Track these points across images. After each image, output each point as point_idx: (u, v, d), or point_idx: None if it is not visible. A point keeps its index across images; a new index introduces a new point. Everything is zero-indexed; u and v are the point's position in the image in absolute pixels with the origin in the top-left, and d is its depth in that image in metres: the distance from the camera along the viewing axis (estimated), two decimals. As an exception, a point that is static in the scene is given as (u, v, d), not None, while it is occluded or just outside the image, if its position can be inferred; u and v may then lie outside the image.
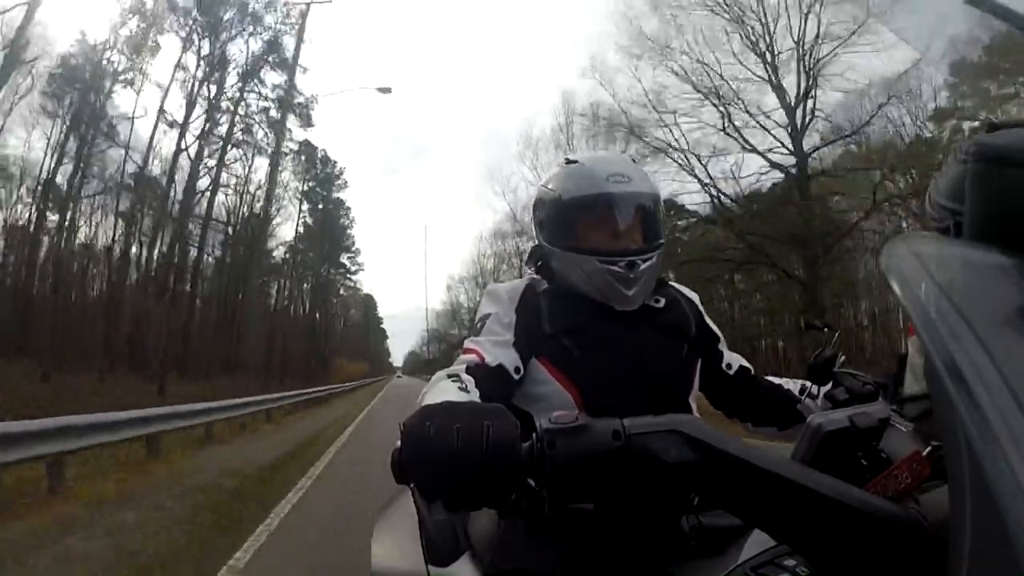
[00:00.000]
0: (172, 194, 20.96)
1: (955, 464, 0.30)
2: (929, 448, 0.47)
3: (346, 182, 35.11)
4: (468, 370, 0.87)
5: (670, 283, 1.12)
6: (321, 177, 32.57)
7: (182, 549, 3.42)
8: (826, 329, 1.09)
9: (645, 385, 0.94)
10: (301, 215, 30.81)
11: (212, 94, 21.32)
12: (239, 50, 22.18)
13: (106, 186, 19.34)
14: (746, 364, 1.12)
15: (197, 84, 20.87)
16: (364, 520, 1.56)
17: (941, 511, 0.40)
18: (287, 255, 29.48)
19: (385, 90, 19.83)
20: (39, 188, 17.35)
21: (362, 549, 1.19)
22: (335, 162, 33.33)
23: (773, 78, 16.20)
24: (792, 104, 15.88)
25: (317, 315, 37.38)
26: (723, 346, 1.12)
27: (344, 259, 39.56)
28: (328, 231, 34.38)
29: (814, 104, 15.77)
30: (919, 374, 0.59)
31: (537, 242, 1.10)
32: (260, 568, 3.22)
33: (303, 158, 28.73)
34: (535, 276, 1.09)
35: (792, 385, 1.09)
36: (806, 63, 15.59)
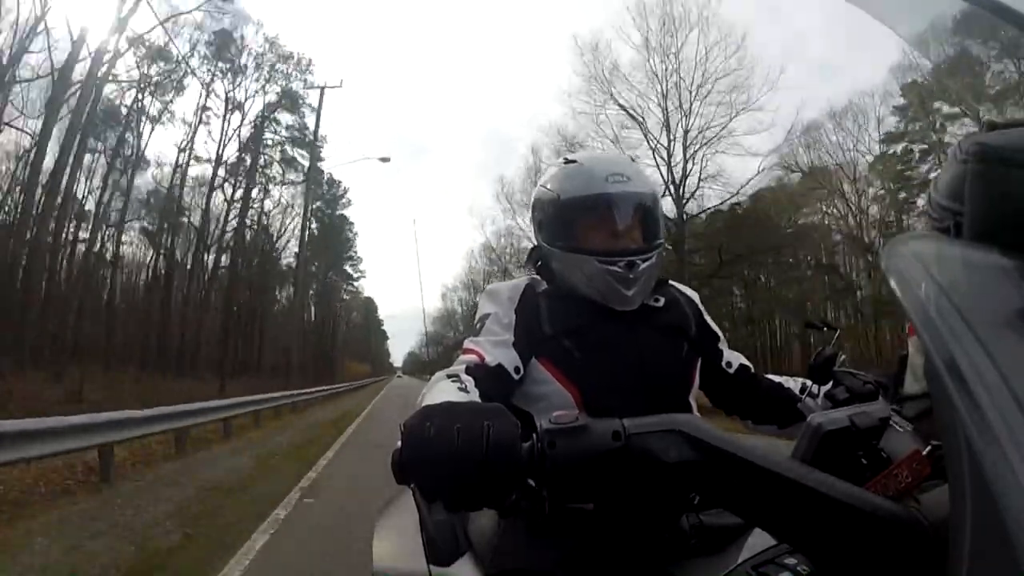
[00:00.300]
0: (209, 224, 25.41)
1: (955, 464, 0.30)
2: (929, 447, 0.47)
3: (350, 200, 39.23)
4: (468, 370, 0.87)
5: (669, 282, 1.12)
6: (328, 197, 36.08)
7: (313, 440, 9.48)
8: (826, 328, 1.09)
9: (645, 385, 0.94)
10: (309, 231, 34.16)
11: (240, 151, 26.16)
12: (254, 91, 26.17)
13: (148, 217, 23.49)
14: (746, 362, 1.12)
15: (226, 129, 25.47)
16: (379, 436, 8.54)
17: (941, 510, 0.40)
18: (296, 266, 32.79)
19: (385, 159, 22.23)
20: (71, 210, 19.31)
21: (377, 442, 6.96)
22: (339, 182, 37.03)
23: (663, 164, 21.08)
24: (676, 182, 21.00)
25: (324, 320, 41.75)
26: (723, 344, 1.11)
27: (348, 267, 44.47)
28: (332, 244, 37.99)
29: (697, 180, 20.87)
30: (919, 374, 0.59)
31: (536, 242, 1.10)
32: (350, 439, 9.66)
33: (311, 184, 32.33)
34: (534, 276, 1.09)
35: (792, 384, 1.09)
36: (686, 152, 21.02)
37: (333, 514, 4.56)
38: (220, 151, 25.43)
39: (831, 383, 0.97)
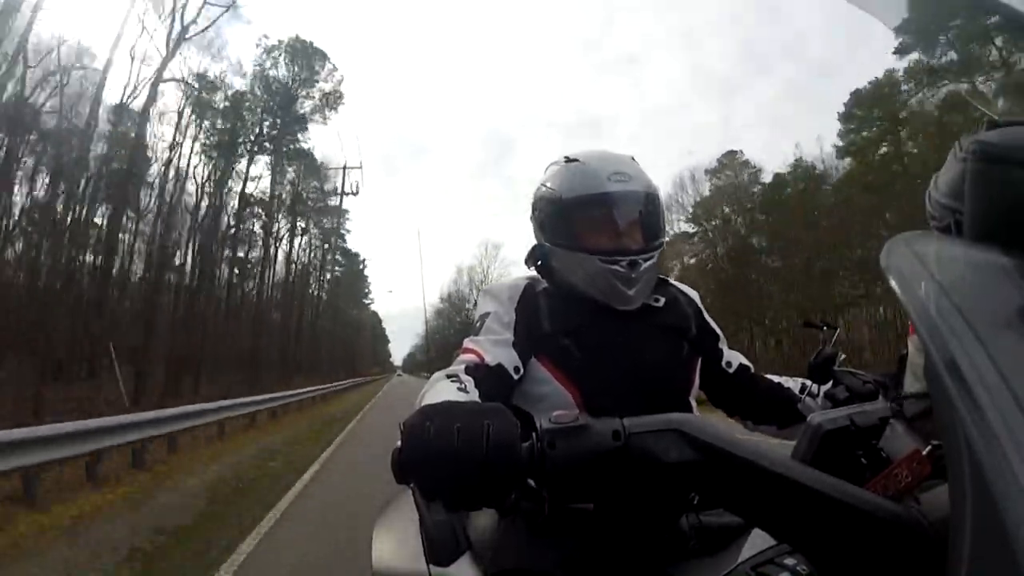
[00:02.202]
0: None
1: (955, 464, 0.30)
2: (929, 447, 0.47)
3: (367, 264, 55.09)
4: (467, 370, 0.87)
5: (670, 282, 1.12)
6: (354, 270, 51.59)
7: (369, 394, 29.46)
8: (825, 328, 1.09)
9: (645, 385, 0.94)
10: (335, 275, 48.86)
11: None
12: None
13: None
14: (746, 362, 1.11)
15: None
16: (392, 398, 23.49)
17: (941, 510, 0.40)
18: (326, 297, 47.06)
19: (389, 291, 30.04)
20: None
21: (392, 393, 28.15)
22: (359, 255, 52.05)
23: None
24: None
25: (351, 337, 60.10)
26: (723, 344, 1.11)
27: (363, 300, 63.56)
28: (351, 294, 54.86)
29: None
30: (919, 373, 0.59)
31: (537, 241, 1.10)
32: (384, 393, 30.26)
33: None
34: (534, 275, 1.09)
35: (792, 384, 1.09)
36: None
37: (386, 402, 19.48)
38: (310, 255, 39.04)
39: (831, 382, 0.97)
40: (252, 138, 25.56)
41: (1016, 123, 0.42)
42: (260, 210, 28.72)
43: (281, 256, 33.53)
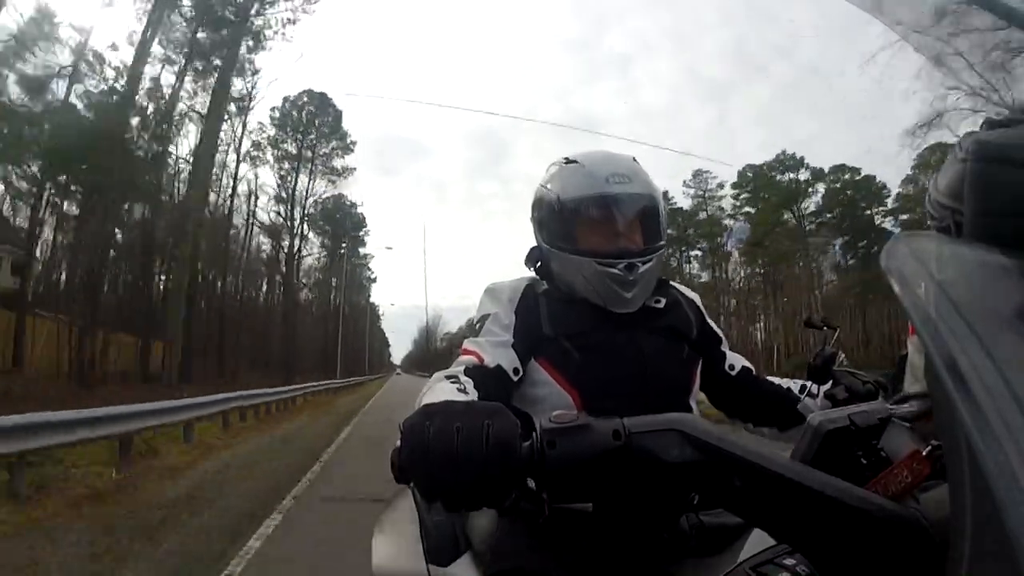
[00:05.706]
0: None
1: (955, 464, 0.30)
2: (929, 447, 0.47)
3: (375, 279, 63.93)
4: (467, 372, 0.87)
5: (671, 284, 1.11)
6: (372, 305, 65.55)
7: (378, 384, 45.33)
8: (826, 328, 1.09)
9: (645, 387, 0.94)
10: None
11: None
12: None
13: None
14: (748, 364, 1.11)
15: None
16: (393, 385, 40.99)
17: (941, 510, 0.40)
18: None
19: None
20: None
21: (394, 384, 43.32)
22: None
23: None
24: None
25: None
26: (724, 346, 1.11)
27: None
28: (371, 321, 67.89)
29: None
30: (919, 373, 0.59)
31: (537, 242, 1.10)
32: (389, 384, 44.10)
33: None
34: (535, 276, 1.08)
35: (793, 385, 1.09)
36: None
37: (393, 384, 42.29)
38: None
39: (831, 383, 0.97)
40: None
41: (1015, 123, 0.42)
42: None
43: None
